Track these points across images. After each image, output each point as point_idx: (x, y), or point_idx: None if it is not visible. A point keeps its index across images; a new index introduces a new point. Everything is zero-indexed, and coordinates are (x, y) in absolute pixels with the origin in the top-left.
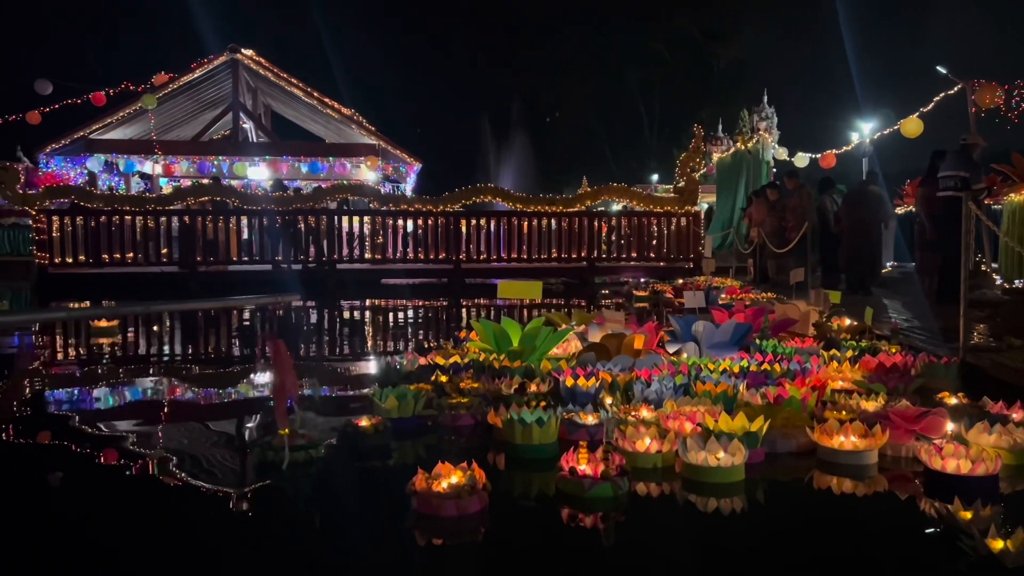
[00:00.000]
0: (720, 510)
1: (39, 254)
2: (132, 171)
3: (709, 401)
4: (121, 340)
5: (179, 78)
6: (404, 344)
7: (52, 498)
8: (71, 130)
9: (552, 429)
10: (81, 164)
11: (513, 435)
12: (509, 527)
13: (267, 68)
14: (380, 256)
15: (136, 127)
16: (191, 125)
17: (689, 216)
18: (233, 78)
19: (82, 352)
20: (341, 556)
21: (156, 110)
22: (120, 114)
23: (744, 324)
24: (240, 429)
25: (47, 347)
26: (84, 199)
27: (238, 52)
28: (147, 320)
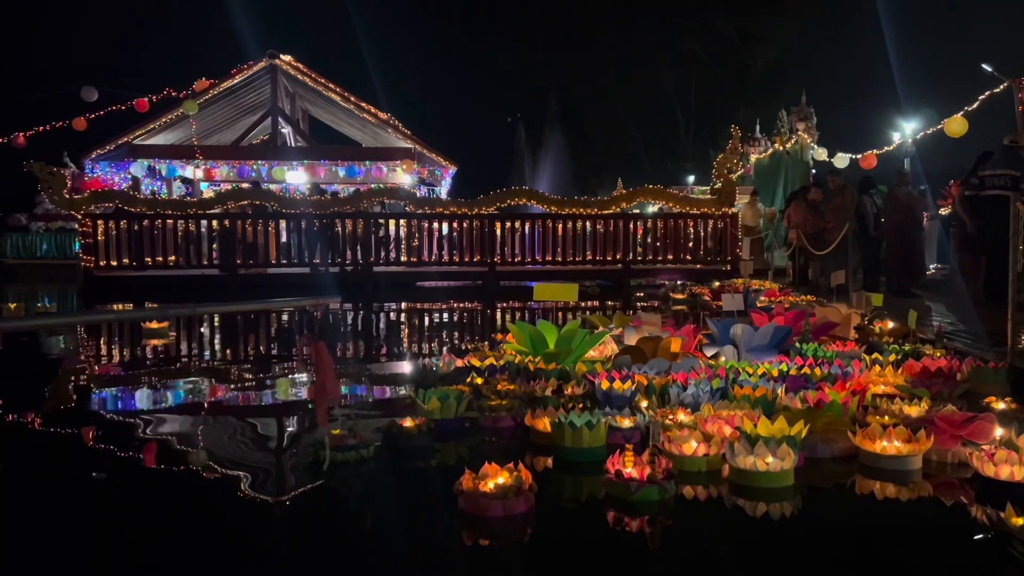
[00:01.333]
0: (767, 515)
1: (85, 257)
2: (174, 176)
3: (748, 405)
4: (172, 341)
5: (219, 84)
6: (440, 346)
7: (117, 495)
8: (115, 136)
9: (601, 432)
10: (125, 169)
11: (562, 438)
12: (555, 529)
13: (305, 73)
14: (415, 259)
15: (178, 132)
16: (231, 130)
17: (726, 218)
18: (272, 83)
19: (137, 353)
20: (392, 553)
21: (197, 116)
22: (162, 120)
23: (784, 327)
24: (291, 430)
25: (103, 348)
26: (128, 203)
27: (277, 58)
28: (195, 322)
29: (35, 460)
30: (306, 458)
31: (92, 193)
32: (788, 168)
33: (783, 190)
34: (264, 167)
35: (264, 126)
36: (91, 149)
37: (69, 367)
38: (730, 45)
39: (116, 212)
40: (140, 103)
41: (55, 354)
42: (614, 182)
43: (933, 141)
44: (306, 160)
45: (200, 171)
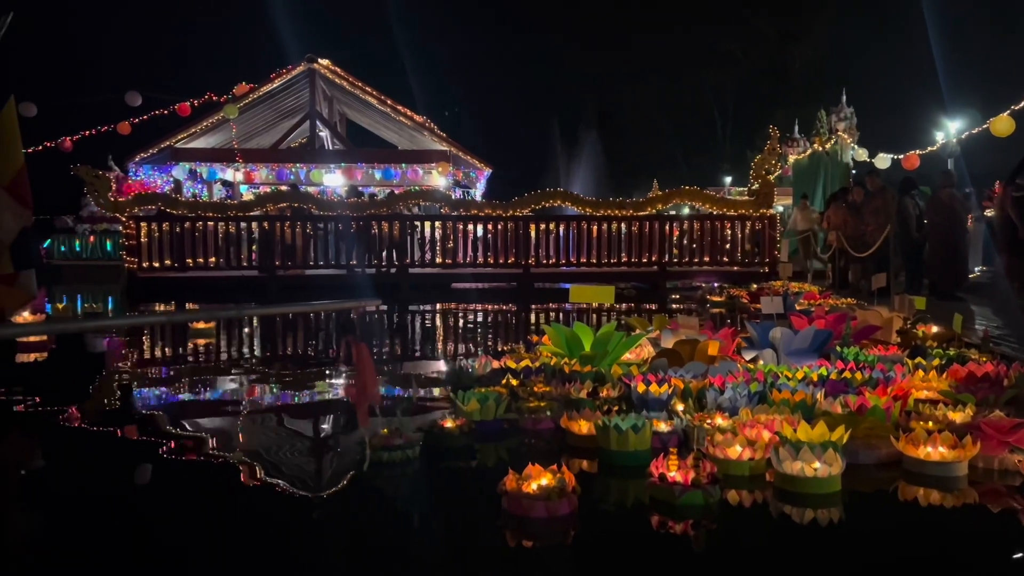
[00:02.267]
0: (812, 520)
1: (129, 259)
2: (215, 179)
3: (787, 409)
4: (218, 341)
5: (259, 88)
6: (476, 347)
7: (155, 494)
8: (158, 140)
9: (647, 436)
10: (167, 172)
11: (607, 441)
12: (598, 531)
13: (342, 77)
14: (450, 260)
15: (218, 136)
16: (270, 134)
17: (764, 219)
18: (310, 87)
19: (187, 353)
20: (435, 552)
21: (237, 119)
22: (204, 124)
23: (824, 331)
24: (335, 430)
25: (156, 348)
26: (170, 206)
27: (315, 62)
28: (240, 323)
29: (100, 456)
30: (352, 457)
31: (136, 196)
32: (827, 169)
33: (822, 191)
34: (302, 170)
35: (302, 129)
36: (135, 153)
37: (123, 367)
38: (769, 45)
39: (159, 214)
40: (182, 107)
41: (109, 354)
42: (649, 183)
43: (978, 141)
44: (343, 163)
45: (240, 174)
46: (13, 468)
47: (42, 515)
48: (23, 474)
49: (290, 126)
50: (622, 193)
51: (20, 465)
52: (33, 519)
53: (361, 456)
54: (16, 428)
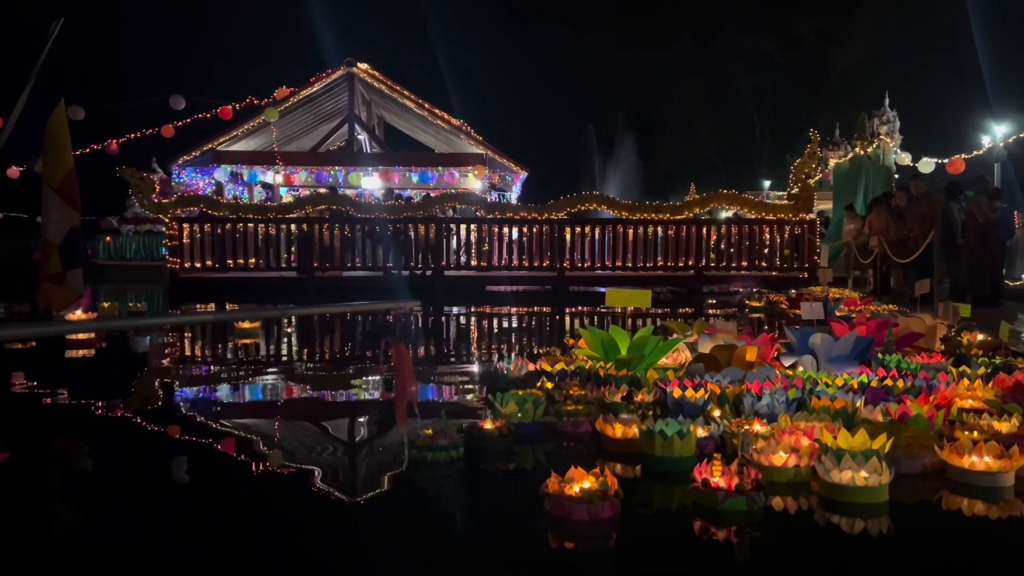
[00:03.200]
0: (857, 529)
1: (171, 259)
2: (255, 181)
3: (828, 417)
4: (263, 341)
5: (299, 92)
6: (511, 350)
7: (228, 486)
8: (201, 142)
9: (692, 442)
10: (209, 175)
11: (652, 446)
12: (639, 535)
13: (381, 81)
14: (485, 263)
15: (259, 139)
16: (309, 137)
17: (804, 224)
18: (349, 91)
19: (233, 353)
20: (478, 552)
21: (277, 123)
22: (245, 127)
23: (865, 337)
24: (381, 429)
25: (202, 347)
26: (212, 208)
27: (354, 66)
28: (281, 323)
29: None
30: (396, 457)
31: (179, 198)
32: (869, 173)
33: (863, 196)
34: (341, 173)
35: (341, 133)
36: (178, 155)
37: (170, 365)
38: (809, 47)
39: (200, 216)
40: (224, 111)
41: (163, 352)
42: (686, 187)
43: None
44: (381, 166)
45: (280, 176)
46: (59, 462)
47: (84, 508)
48: (68, 468)
49: (329, 129)
50: (658, 197)
51: (64, 459)
52: (75, 512)
53: (405, 456)
54: (65, 423)
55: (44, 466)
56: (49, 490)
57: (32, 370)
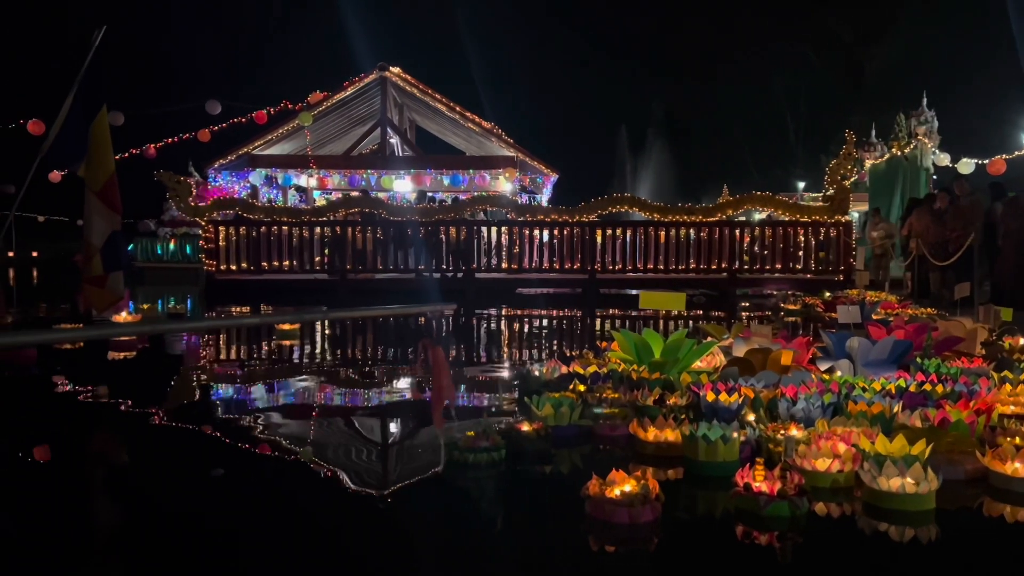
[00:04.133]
0: (903, 536)
1: (207, 261)
2: (289, 184)
3: (866, 422)
4: (303, 343)
5: (332, 96)
6: (542, 352)
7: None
8: (236, 146)
9: (736, 447)
10: (245, 178)
11: (696, 451)
12: (680, 538)
13: (413, 84)
14: (516, 266)
15: (293, 143)
16: (343, 140)
17: (839, 226)
18: (382, 95)
19: (272, 354)
20: (516, 554)
21: (311, 127)
22: (279, 131)
23: (904, 341)
24: (421, 431)
25: (246, 348)
26: (247, 211)
27: (387, 70)
28: (315, 325)
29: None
30: (436, 458)
31: (214, 201)
32: (906, 174)
33: (900, 197)
34: (373, 176)
35: (373, 136)
36: (214, 159)
37: (215, 366)
38: (844, 47)
39: (236, 219)
40: (259, 115)
41: (201, 353)
42: (718, 189)
43: None
44: (412, 169)
45: (314, 180)
46: (100, 462)
47: (124, 506)
48: (108, 467)
49: (362, 133)
50: (690, 199)
51: (105, 459)
52: (117, 509)
53: (446, 458)
54: (106, 424)
55: (85, 464)
56: (89, 488)
57: (77, 370)
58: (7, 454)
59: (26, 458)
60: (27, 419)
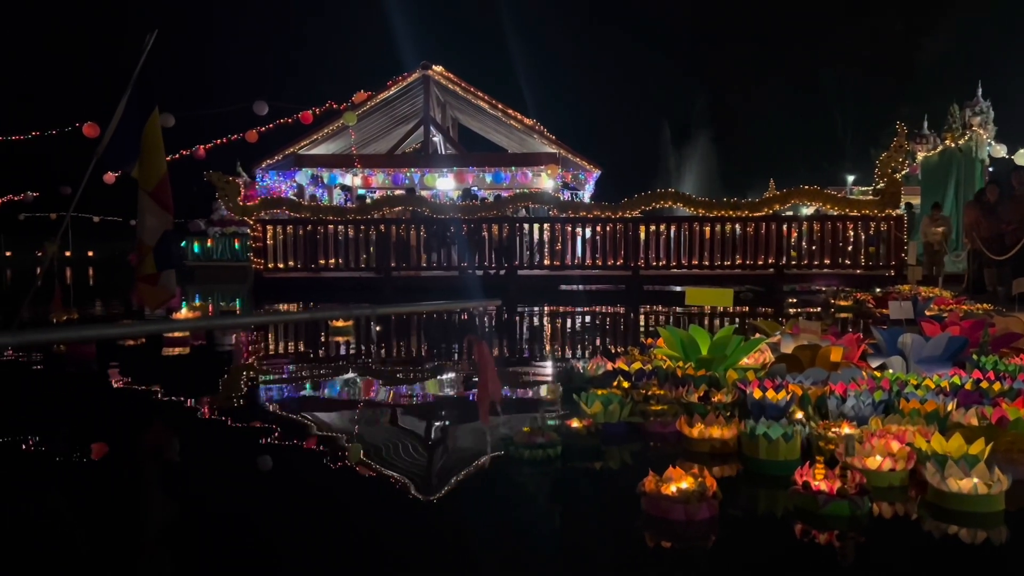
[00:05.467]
0: (967, 539)
1: (255, 260)
2: (335, 183)
3: (922, 420)
4: (355, 338)
5: (376, 96)
6: (585, 349)
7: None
8: (283, 147)
9: (796, 445)
10: (291, 178)
11: (756, 450)
12: (737, 536)
13: (455, 83)
14: (558, 263)
15: (338, 143)
16: (386, 139)
17: (890, 220)
18: (425, 93)
19: (323, 351)
20: (572, 551)
21: (355, 126)
22: (325, 131)
23: (959, 338)
24: (474, 426)
25: (298, 344)
26: (294, 210)
27: (429, 68)
28: (363, 321)
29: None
30: (491, 454)
31: (262, 200)
32: (960, 167)
33: (954, 190)
34: (417, 174)
35: (417, 135)
36: (261, 159)
37: (271, 362)
38: (894, 37)
39: (283, 218)
40: (305, 116)
41: (255, 349)
42: (764, 183)
43: None
44: (455, 167)
45: (358, 179)
46: (152, 455)
47: (177, 500)
48: (159, 461)
49: (405, 132)
50: (735, 194)
51: (157, 453)
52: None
53: (502, 453)
54: (164, 417)
55: (141, 459)
56: (144, 482)
57: (135, 365)
58: (66, 446)
59: (83, 450)
60: (88, 412)
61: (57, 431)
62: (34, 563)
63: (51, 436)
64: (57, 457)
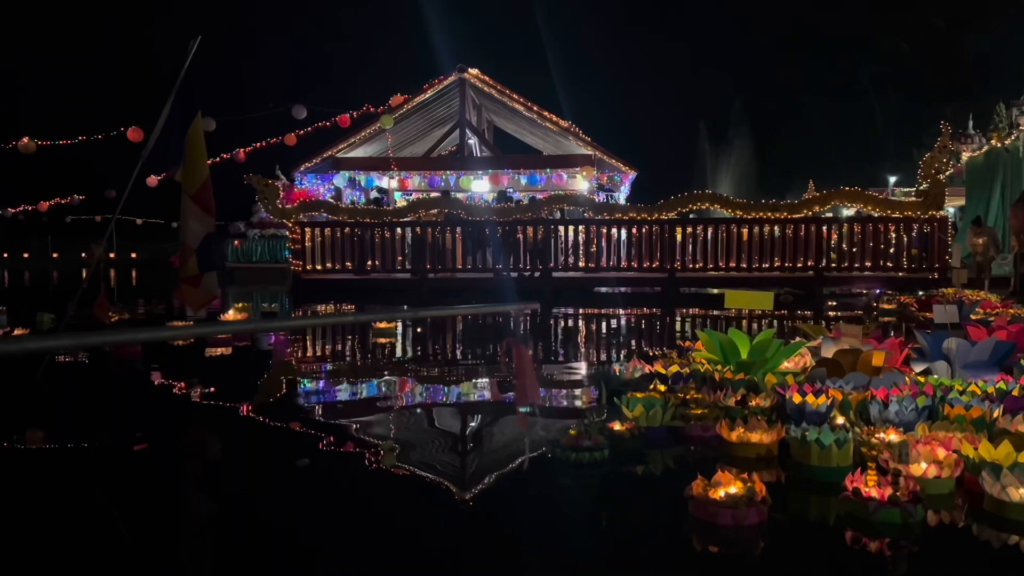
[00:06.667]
0: None
1: (294, 262)
2: (372, 186)
3: (970, 427)
4: (398, 341)
5: (412, 99)
6: (621, 352)
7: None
8: (321, 150)
9: (849, 451)
10: (329, 181)
11: (808, 456)
12: (785, 542)
13: (491, 85)
14: (593, 265)
15: (375, 146)
16: (422, 142)
17: (934, 222)
18: (460, 96)
19: (366, 353)
20: (623, 554)
21: (392, 129)
22: (362, 134)
23: (1006, 342)
24: (522, 428)
25: (338, 346)
26: (332, 212)
27: (465, 71)
28: (415, 324)
29: None
30: (537, 456)
31: (301, 203)
32: (1007, 167)
33: (1000, 191)
34: (452, 177)
35: (452, 137)
36: (300, 162)
37: (313, 364)
38: (938, 33)
39: (321, 220)
40: (342, 119)
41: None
42: (803, 184)
43: None
44: (490, 169)
45: (395, 181)
46: (193, 455)
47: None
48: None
49: (441, 134)
50: (773, 195)
51: (197, 452)
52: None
53: (553, 455)
54: (210, 417)
55: (180, 457)
56: (183, 480)
57: (180, 365)
58: (114, 444)
59: (129, 448)
60: (136, 412)
61: (131, 433)
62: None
63: (129, 439)
64: (136, 461)
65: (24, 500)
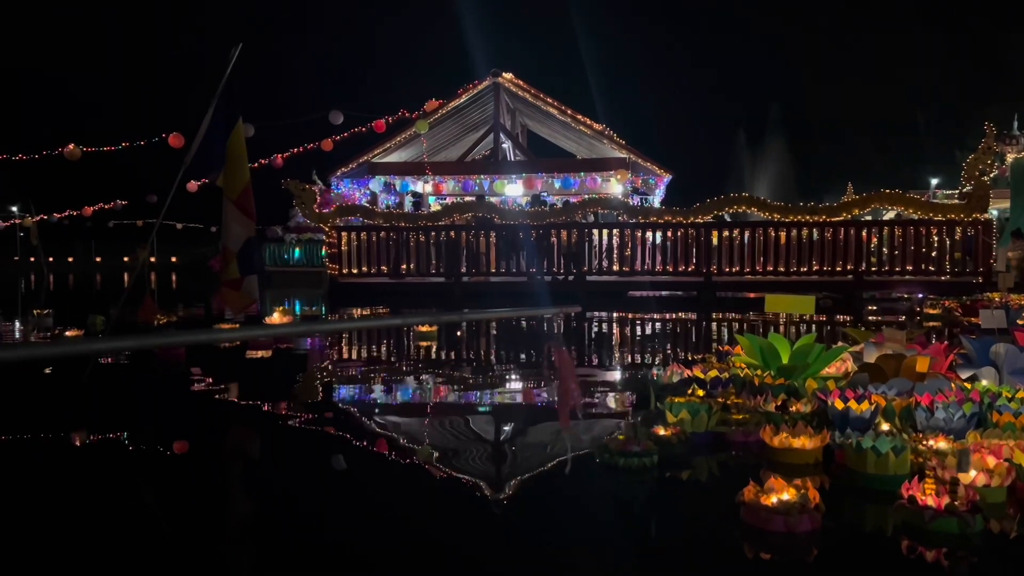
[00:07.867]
0: None
1: (331, 265)
2: (406, 191)
3: (1022, 434)
4: (440, 343)
5: (447, 104)
6: (656, 356)
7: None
8: (357, 155)
9: (907, 459)
10: (365, 185)
11: (864, 464)
12: (838, 550)
13: (525, 89)
14: (627, 268)
15: (410, 151)
16: (457, 147)
17: (977, 225)
18: (495, 101)
19: (409, 355)
20: (673, 561)
21: (427, 134)
22: (397, 139)
23: None
24: (572, 432)
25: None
26: (368, 217)
27: (499, 76)
28: (457, 327)
29: None
30: (586, 460)
31: (338, 207)
32: None
33: None
34: (486, 181)
35: (487, 142)
36: (336, 167)
37: (353, 367)
38: (979, 34)
39: (358, 225)
40: (378, 124)
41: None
42: (841, 187)
43: None
44: (524, 173)
45: (429, 186)
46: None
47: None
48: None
49: (475, 139)
50: (812, 198)
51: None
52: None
53: (600, 460)
54: (252, 418)
55: (219, 458)
56: (221, 480)
57: (221, 367)
58: (157, 444)
59: (170, 448)
60: (180, 412)
61: (187, 434)
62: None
63: (186, 442)
64: (190, 462)
65: (71, 495)
